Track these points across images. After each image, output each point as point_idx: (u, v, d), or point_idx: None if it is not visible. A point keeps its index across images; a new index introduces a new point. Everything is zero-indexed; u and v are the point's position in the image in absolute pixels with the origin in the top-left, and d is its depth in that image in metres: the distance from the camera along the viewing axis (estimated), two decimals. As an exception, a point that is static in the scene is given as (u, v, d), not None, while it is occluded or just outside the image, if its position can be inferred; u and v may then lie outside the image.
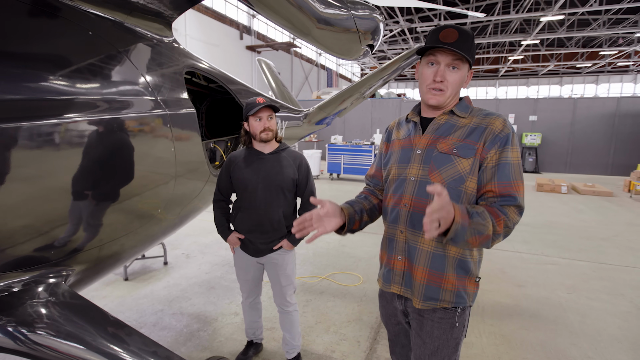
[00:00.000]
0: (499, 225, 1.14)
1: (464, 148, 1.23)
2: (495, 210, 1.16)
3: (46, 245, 1.43)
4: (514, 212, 1.18)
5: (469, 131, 1.25)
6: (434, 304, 1.28)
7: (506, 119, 1.26)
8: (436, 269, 1.26)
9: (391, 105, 14.62)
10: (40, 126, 1.28)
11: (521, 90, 36.60)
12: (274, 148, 2.14)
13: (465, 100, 1.34)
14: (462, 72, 1.24)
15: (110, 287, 3.47)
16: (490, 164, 1.22)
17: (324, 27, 1.97)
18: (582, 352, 2.58)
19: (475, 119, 1.28)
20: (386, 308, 1.49)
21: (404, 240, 1.31)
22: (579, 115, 12.16)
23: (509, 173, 1.20)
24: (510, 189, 1.19)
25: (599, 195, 8.49)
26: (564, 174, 12.14)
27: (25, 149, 1.24)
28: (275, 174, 2.08)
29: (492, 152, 1.21)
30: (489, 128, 1.23)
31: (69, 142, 1.40)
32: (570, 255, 4.55)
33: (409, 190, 1.30)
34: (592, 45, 25.57)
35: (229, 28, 16.66)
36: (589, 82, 34.56)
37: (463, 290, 1.28)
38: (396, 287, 1.36)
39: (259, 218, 2.09)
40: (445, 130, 1.28)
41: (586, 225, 5.94)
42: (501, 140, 1.21)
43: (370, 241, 4.87)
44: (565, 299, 3.37)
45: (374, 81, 5.68)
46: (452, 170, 1.23)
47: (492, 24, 21.10)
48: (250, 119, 2.06)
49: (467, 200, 1.24)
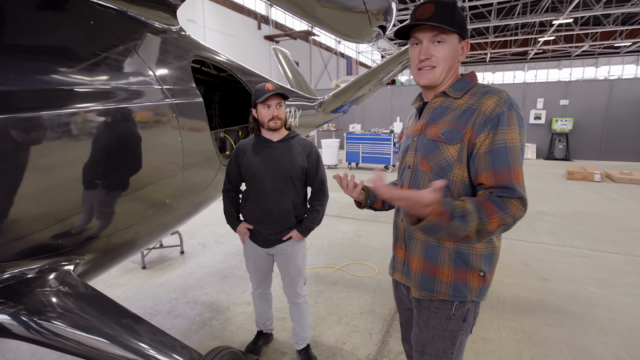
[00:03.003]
0: (492, 223, 1.01)
1: (451, 133, 1.14)
2: (492, 206, 1.02)
3: (58, 234, 1.45)
4: (517, 206, 1.04)
5: (460, 113, 1.15)
6: (430, 294, 1.25)
7: (505, 96, 1.10)
8: (430, 259, 1.23)
9: (412, 92, 14.20)
10: (48, 117, 1.30)
11: (552, 74, 34.69)
12: (283, 136, 2.07)
13: (467, 78, 1.22)
14: (451, 45, 1.16)
15: (129, 275, 3.56)
16: (482, 150, 1.09)
17: (328, 4, 1.86)
18: (612, 351, 2.41)
19: (470, 99, 1.16)
20: (396, 293, 1.51)
21: (403, 229, 1.31)
22: (615, 98, 11.35)
23: (506, 158, 1.06)
24: (508, 178, 1.05)
25: (636, 184, 7.93)
26: (598, 161, 11.44)
27: (34, 139, 1.27)
28: (284, 162, 2.01)
29: (481, 136, 1.09)
30: (480, 109, 1.10)
31: (77, 132, 1.41)
32: (602, 247, 4.27)
33: (406, 179, 1.28)
34: (633, 23, 23.72)
35: (246, 18, 16.62)
36: (628, 62, 32.22)
37: (463, 284, 1.21)
38: (398, 274, 1.38)
39: (267, 208, 2.04)
40: (438, 114, 1.21)
41: (621, 216, 5.56)
42: (492, 122, 1.08)
43: (386, 231, 4.76)
44: (595, 294, 3.16)
45: (392, 66, 5.48)
46: (439, 158, 1.16)
47: (521, 3, 19.97)
48: (259, 106, 1.99)
49: (456, 189, 1.16)
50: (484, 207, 1.02)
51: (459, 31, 1.14)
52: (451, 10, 1.13)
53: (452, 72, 1.21)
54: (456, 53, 1.17)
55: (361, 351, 2.42)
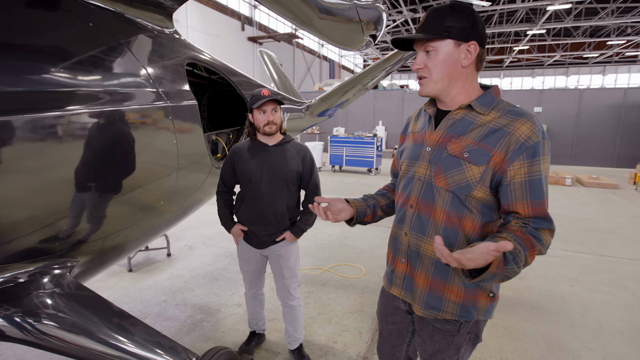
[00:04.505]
0: (531, 256, 1.01)
1: (477, 153, 1.07)
2: (531, 240, 1.01)
3: (51, 237, 1.44)
4: (549, 235, 1.05)
5: (487, 132, 1.07)
6: (435, 314, 1.20)
7: (536, 122, 1.06)
8: (439, 277, 1.17)
9: (394, 96, 14.51)
10: (42, 118, 1.28)
11: (526, 81, 36.15)
12: (278, 140, 2.12)
13: (492, 92, 1.14)
14: (442, 52, 1.08)
15: (115, 278, 3.50)
16: (517, 179, 1.05)
17: (326, 17, 1.94)
18: (584, 344, 2.59)
19: (498, 117, 1.08)
20: (385, 306, 1.42)
21: (407, 243, 1.23)
22: (584, 106, 12.01)
23: (542, 190, 1.04)
24: (544, 209, 1.05)
25: (604, 188, 8.43)
26: (569, 166, 12.04)
27: (27, 141, 1.24)
28: (279, 166, 2.07)
29: (516, 164, 1.04)
30: (513, 135, 1.04)
31: (72, 135, 1.40)
32: (574, 248, 4.53)
33: (415, 191, 1.20)
34: (600, 35, 25.12)
35: (230, 19, 16.51)
36: (596, 72, 34.04)
37: (472, 305, 1.17)
38: (396, 289, 1.30)
39: (262, 210, 2.08)
40: (460, 128, 1.12)
41: (590, 218, 5.91)
42: (528, 151, 1.03)
43: (372, 233, 4.87)
44: (568, 292, 3.37)
45: (376, 72, 5.62)
46: (460, 177, 1.09)
47: (498, 13, 20.75)
48: (255, 111, 2.04)
49: (473, 207, 1.12)
50: (524, 241, 1.00)
51: (449, 35, 1.06)
52: (442, 15, 1.07)
53: (458, 81, 1.13)
54: (453, 59, 1.08)
55: (352, 349, 2.49)
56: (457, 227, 1.13)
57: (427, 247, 1.18)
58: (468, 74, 1.12)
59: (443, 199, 1.14)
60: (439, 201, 1.14)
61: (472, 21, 1.07)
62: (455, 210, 1.12)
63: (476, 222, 1.13)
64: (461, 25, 1.07)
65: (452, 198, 1.12)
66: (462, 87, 1.14)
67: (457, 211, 1.12)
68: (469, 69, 1.12)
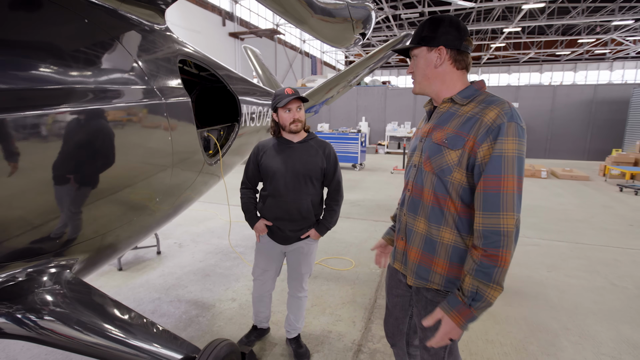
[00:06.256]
0: (503, 264, 1.13)
1: (454, 139, 1.22)
2: (482, 267, 1.14)
3: (50, 236, 1.43)
4: (509, 217, 1.13)
5: (464, 121, 1.22)
6: (423, 283, 1.35)
7: (506, 108, 1.17)
8: (428, 251, 1.32)
9: (376, 92, 14.69)
10: (36, 116, 1.26)
11: (503, 78, 37.26)
12: (303, 137, 2.15)
13: (475, 85, 1.29)
14: (420, 57, 1.30)
15: (105, 277, 3.47)
16: (486, 160, 1.15)
17: (321, 16, 2.00)
18: (562, 324, 2.78)
19: (475, 107, 1.22)
20: (390, 279, 1.58)
21: (405, 222, 1.41)
22: (558, 102, 12.55)
23: (499, 166, 1.12)
24: (497, 184, 1.12)
25: (576, 180, 8.86)
26: (544, 159, 12.56)
27: (21, 139, 1.22)
28: (304, 162, 2.09)
29: (484, 145, 1.15)
30: (483, 120, 1.16)
31: (66, 133, 1.37)
32: (550, 237, 4.79)
33: (411, 177, 1.38)
34: (571, 34, 26.15)
35: (210, 14, 16.25)
36: (568, 69, 35.46)
37: (455, 277, 1.29)
38: (398, 264, 1.48)
39: (287, 206, 2.10)
40: (444, 119, 1.28)
41: (564, 208, 6.23)
42: (493, 132, 1.14)
43: (360, 227, 4.98)
44: (546, 277, 3.58)
45: (360, 69, 5.71)
46: (441, 161, 1.25)
47: (475, 11, 21.27)
48: (280, 110, 2.06)
49: (454, 189, 1.24)
50: (479, 273, 1.15)
51: (423, 43, 1.27)
52: (422, 27, 1.29)
53: (436, 79, 1.29)
54: (427, 62, 1.28)
55: (347, 338, 2.58)
56: (443, 206, 1.28)
57: (419, 225, 1.34)
58: (445, 72, 1.28)
59: (430, 182, 1.29)
60: (427, 183, 1.30)
61: (441, 30, 1.25)
62: (440, 191, 1.27)
63: (458, 204, 1.26)
64: (431, 35, 1.26)
65: (437, 181, 1.27)
66: (442, 84, 1.30)
67: (442, 192, 1.27)
68: (444, 68, 1.28)
